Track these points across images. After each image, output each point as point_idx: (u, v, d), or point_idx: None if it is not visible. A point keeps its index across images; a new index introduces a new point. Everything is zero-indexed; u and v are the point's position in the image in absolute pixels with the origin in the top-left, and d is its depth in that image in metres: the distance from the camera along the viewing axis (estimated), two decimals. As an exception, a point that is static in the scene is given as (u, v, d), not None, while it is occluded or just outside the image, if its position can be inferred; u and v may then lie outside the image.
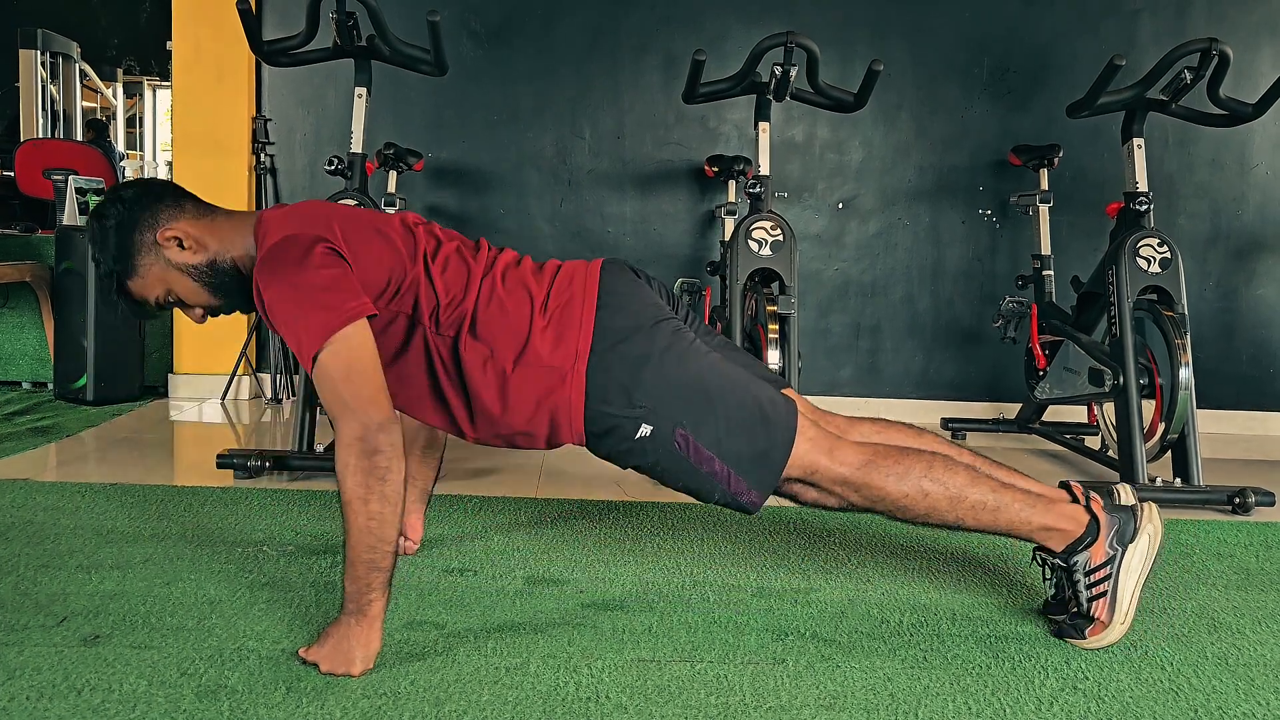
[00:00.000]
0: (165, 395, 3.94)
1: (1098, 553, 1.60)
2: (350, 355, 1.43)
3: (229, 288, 1.63)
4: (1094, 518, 1.62)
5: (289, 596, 1.74)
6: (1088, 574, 1.60)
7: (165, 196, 1.64)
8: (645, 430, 1.59)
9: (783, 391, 1.75)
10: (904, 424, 1.84)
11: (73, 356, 3.65)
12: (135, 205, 1.60)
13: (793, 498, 1.70)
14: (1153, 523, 1.62)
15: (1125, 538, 1.60)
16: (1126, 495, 1.70)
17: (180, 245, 1.60)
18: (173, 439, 3.24)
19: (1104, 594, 1.59)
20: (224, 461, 2.59)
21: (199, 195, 1.73)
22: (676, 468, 1.61)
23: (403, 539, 1.96)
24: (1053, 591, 1.71)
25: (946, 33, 3.92)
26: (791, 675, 1.49)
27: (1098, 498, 1.67)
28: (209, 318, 1.69)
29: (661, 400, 1.59)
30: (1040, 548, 1.67)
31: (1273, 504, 2.60)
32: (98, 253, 1.62)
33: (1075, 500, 1.67)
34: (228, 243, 1.62)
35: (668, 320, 1.67)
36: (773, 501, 1.70)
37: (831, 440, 1.64)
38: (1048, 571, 1.70)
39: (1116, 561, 1.59)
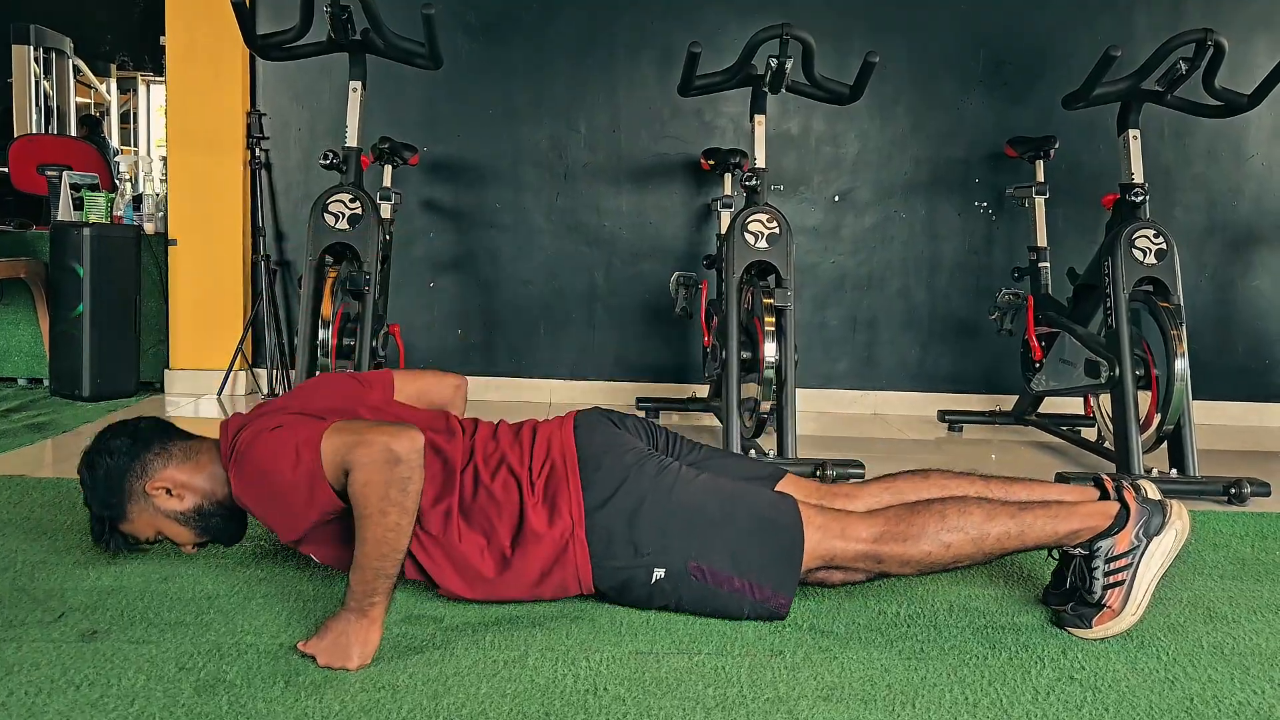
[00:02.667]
0: (161, 391, 3.93)
1: (1122, 541, 1.60)
2: (344, 432, 1.47)
3: (216, 526, 1.70)
4: (1125, 507, 1.63)
5: (286, 591, 1.73)
6: (1109, 561, 1.60)
7: (153, 444, 1.69)
8: (659, 574, 1.61)
9: (778, 487, 1.78)
10: (909, 472, 1.85)
11: (68, 348, 3.64)
12: (123, 456, 1.66)
13: (821, 584, 1.74)
14: (1181, 519, 1.63)
15: (1151, 530, 1.61)
16: (1153, 491, 1.71)
17: (168, 493, 1.65)
18: (169, 435, 3.23)
19: (1121, 583, 1.60)
20: (221, 457, 2.58)
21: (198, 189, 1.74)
22: (700, 598, 1.63)
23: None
24: (1066, 579, 1.70)
25: (943, 25, 3.91)
26: (789, 666, 1.49)
27: (1130, 488, 1.68)
28: (201, 548, 1.74)
29: (665, 541, 1.61)
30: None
31: (1268, 494, 2.61)
32: (89, 499, 1.69)
33: (1104, 493, 1.67)
34: (213, 482, 1.67)
35: (648, 459, 1.69)
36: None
37: (841, 521, 1.65)
38: (1057, 551, 1.70)
39: (1139, 552, 1.60)
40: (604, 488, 1.64)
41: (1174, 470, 2.71)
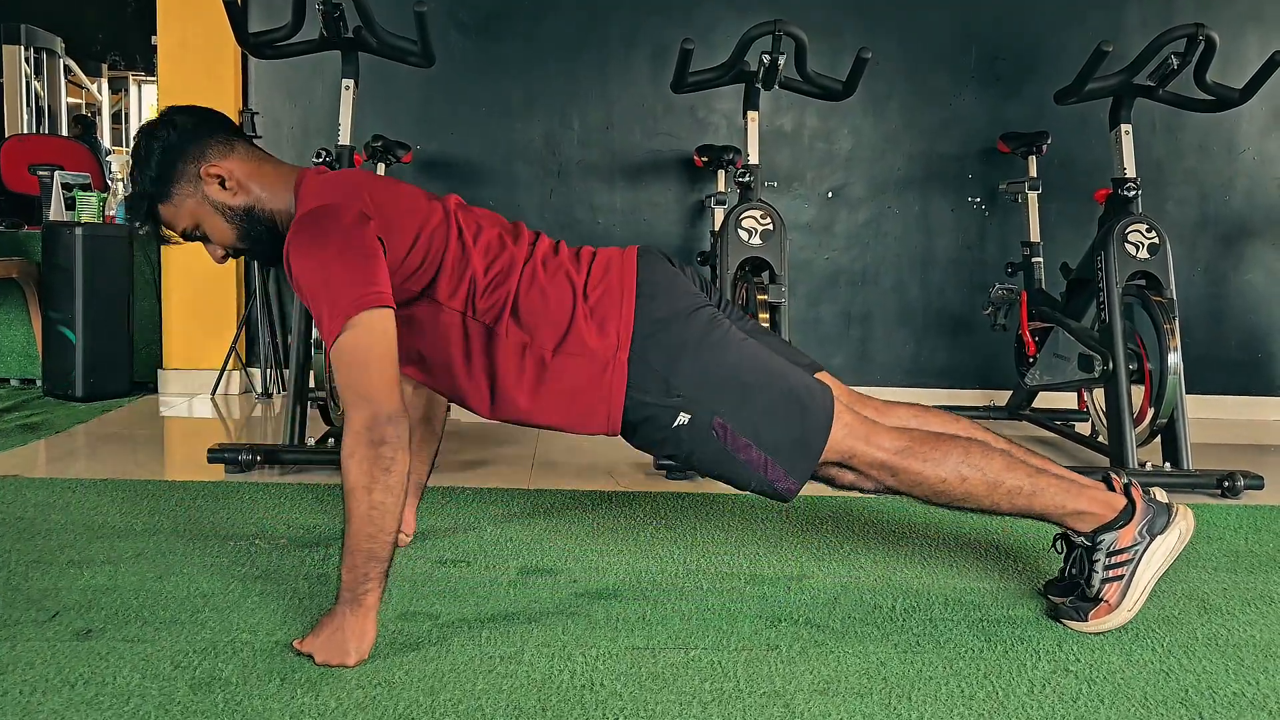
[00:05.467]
0: (155, 391, 3.92)
1: (1126, 536, 1.61)
2: (370, 340, 1.42)
3: (259, 237, 1.62)
4: (1131, 503, 1.63)
5: (282, 589, 1.73)
6: (1110, 554, 1.61)
7: (219, 131, 1.62)
8: (683, 419, 1.58)
9: (818, 376, 1.75)
10: (941, 410, 1.84)
11: (61, 348, 3.63)
12: (186, 133, 1.58)
13: (829, 481, 1.70)
14: (1186, 521, 1.64)
15: (1155, 529, 1.61)
16: (1162, 495, 1.72)
17: (222, 184, 1.58)
18: (163, 434, 3.23)
19: (1120, 578, 1.60)
20: (215, 456, 2.58)
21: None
22: (712, 456, 1.60)
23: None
24: (1066, 572, 1.70)
25: (935, 21, 3.91)
26: (785, 661, 1.49)
27: (1138, 486, 1.68)
28: (229, 259, 1.67)
29: (699, 389, 1.58)
30: (1066, 530, 1.67)
31: (1261, 487, 2.62)
32: (137, 170, 1.59)
33: (1112, 489, 1.68)
34: (269, 193, 1.60)
35: (704, 308, 1.66)
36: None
37: (868, 426, 1.63)
38: (1061, 545, 1.70)
39: (1141, 549, 1.60)
40: (654, 322, 1.60)
41: (1168, 464, 2.71)
